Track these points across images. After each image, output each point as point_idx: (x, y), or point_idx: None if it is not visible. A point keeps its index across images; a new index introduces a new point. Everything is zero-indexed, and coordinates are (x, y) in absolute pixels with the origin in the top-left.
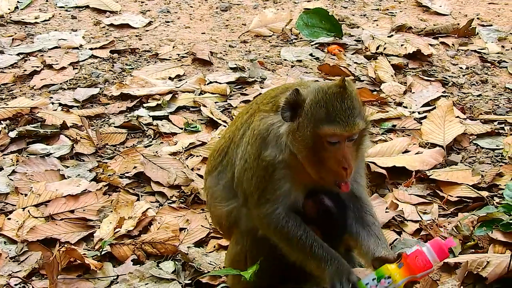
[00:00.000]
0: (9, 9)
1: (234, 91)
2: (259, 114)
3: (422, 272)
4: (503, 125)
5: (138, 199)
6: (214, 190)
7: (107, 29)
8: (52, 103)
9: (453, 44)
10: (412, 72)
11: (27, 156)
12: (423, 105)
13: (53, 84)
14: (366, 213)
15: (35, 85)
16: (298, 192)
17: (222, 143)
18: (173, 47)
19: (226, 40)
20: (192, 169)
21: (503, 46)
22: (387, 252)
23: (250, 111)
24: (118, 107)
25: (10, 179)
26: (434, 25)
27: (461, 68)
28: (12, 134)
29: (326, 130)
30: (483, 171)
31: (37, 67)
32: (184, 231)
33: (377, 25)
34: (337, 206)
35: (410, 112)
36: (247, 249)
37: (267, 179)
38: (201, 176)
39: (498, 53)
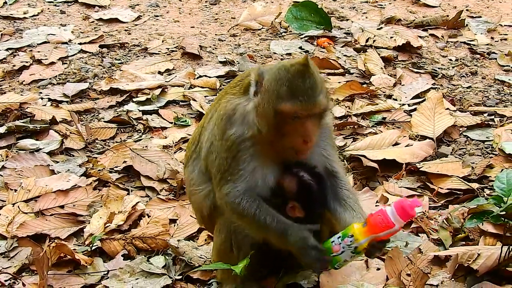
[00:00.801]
0: None
1: (223, 85)
2: (226, 97)
3: (385, 232)
4: (493, 117)
5: (128, 194)
6: (191, 177)
7: (96, 23)
8: (42, 98)
9: (442, 36)
10: (402, 64)
11: (16, 151)
12: (413, 97)
13: (43, 79)
14: (342, 188)
15: (24, 80)
16: (267, 169)
17: (195, 133)
18: (162, 41)
19: (216, 34)
20: (181, 162)
21: (492, 38)
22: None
23: (218, 97)
24: (108, 102)
25: (0, 175)
26: (423, 17)
27: (450, 60)
28: (2, 129)
29: (287, 107)
30: (473, 163)
31: (26, 62)
32: (174, 225)
33: (366, 17)
34: (316, 182)
35: (400, 104)
36: (231, 237)
37: (230, 160)
38: None
39: (487, 44)
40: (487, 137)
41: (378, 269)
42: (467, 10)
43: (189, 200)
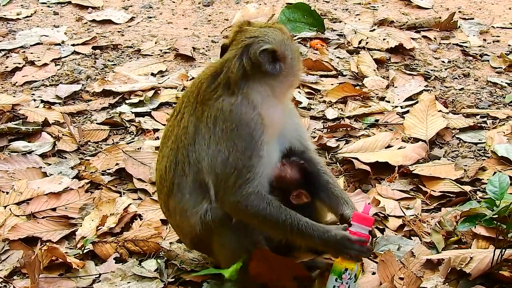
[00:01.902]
0: None
1: None
2: (213, 102)
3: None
4: (485, 119)
5: (120, 196)
6: (182, 204)
7: (89, 25)
8: (34, 100)
9: (435, 38)
10: (395, 66)
11: (8, 153)
12: (406, 100)
13: (35, 81)
14: (320, 170)
15: (17, 82)
16: (274, 151)
17: (165, 163)
18: (156, 43)
19: (209, 36)
20: None
21: (484, 40)
22: (348, 209)
23: (185, 115)
24: (100, 104)
25: None
26: (416, 19)
27: (443, 62)
28: None
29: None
30: (466, 165)
31: (19, 63)
32: (167, 228)
33: (359, 19)
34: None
35: (392, 106)
36: (239, 244)
37: (252, 147)
38: None
39: (480, 46)
40: (479, 140)
41: (374, 273)
42: (459, 12)
43: (176, 228)
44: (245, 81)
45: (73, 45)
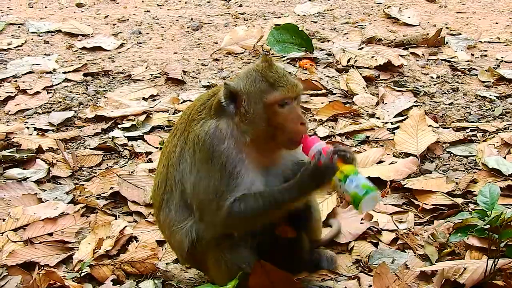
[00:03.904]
0: None
1: None
2: (195, 124)
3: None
4: (475, 132)
5: (116, 219)
6: (170, 218)
7: (80, 52)
8: (28, 128)
9: (423, 54)
10: (384, 83)
11: (4, 181)
12: (396, 116)
13: (28, 109)
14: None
15: (10, 111)
16: (261, 181)
17: (158, 179)
18: (146, 68)
19: (198, 59)
20: None
21: (472, 54)
22: None
23: (178, 132)
24: (93, 129)
25: None
26: (403, 36)
27: (432, 77)
28: None
29: (276, 96)
30: (457, 178)
31: (11, 92)
32: (163, 249)
33: (347, 38)
34: None
35: (383, 123)
36: (233, 260)
37: (226, 177)
38: None
39: (467, 61)
40: (470, 153)
41: (370, 286)
42: (446, 27)
43: (168, 243)
44: (221, 110)
45: (64, 72)
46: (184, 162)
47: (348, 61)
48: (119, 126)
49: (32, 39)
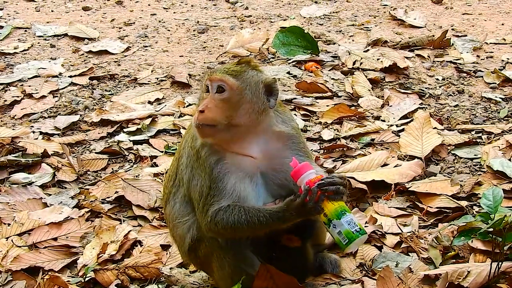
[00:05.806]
0: None
1: None
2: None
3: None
4: (480, 134)
5: (120, 223)
6: (173, 211)
7: (86, 56)
8: (33, 132)
9: (428, 56)
10: (389, 85)
11: (9, 185)
12: (401, 118)
13: (34, 113)
14: None
15: (15, 115)
16: (247, 180)
17: (170, 170)
18: (152, 71)
19: (204, 62)
20: None
21: (478, 56)
22: None
23: (189, 130)
24: (99, 133)
25: None
26: (409, 38)
27: (437, 79)
28: None
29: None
30: (462, 180)
31: (18, 96)
32: (167, 253)
33: (353, 40)
34: None
35: (388, 125)
36: (236, 263)
37: (208, 180)
38: None
39: (473, 63)
40: (475, 155)
41: None
42: (452, 29)
43: (172, 236)
44: None
45: (70, 76)
46: (185, 162)
47: (354, 63)
48: (125, 130)
49: (38, 43)
